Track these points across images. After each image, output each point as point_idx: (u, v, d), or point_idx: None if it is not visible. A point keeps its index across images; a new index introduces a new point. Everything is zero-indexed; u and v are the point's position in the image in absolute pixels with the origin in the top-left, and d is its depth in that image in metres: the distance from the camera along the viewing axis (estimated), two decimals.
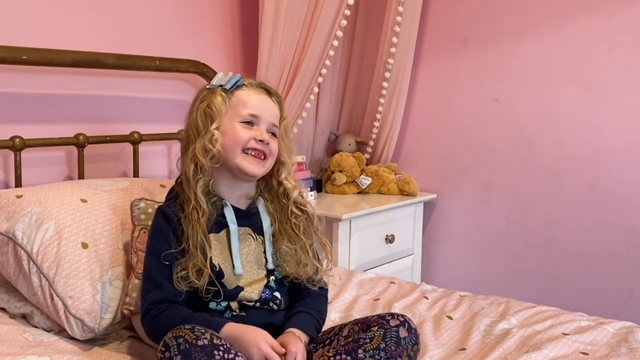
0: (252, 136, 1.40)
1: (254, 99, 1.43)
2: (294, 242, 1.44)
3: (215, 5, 2.41)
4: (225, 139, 1.39)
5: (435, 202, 2.80)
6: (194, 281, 1.31)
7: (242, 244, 1.42)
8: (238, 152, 1.39)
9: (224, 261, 1.39)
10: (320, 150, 2.87)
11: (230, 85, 1.42)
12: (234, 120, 1.40)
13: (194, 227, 1.34)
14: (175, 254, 1.34)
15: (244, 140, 1.39)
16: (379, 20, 2.71)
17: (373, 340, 1.24)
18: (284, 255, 1.43)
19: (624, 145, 2.33)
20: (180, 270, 1.32)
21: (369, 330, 1.27)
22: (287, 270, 1.42)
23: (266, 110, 1.43)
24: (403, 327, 1.27)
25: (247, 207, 1.47)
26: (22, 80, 1.88)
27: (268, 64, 2.32)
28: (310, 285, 1.45)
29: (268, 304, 1.40)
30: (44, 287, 1.45)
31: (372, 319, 1.31)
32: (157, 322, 1.30)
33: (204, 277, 1.32)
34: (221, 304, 1.37)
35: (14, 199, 1.57)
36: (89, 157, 2.00)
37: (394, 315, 1.30)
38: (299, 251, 1.44)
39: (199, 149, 1.37)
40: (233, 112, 1.41)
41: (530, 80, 2.51)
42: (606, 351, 1.45)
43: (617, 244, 2.37)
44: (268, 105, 1.44)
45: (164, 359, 1.12)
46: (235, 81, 1.43)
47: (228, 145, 1.39)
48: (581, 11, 2.37)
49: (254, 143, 1.39)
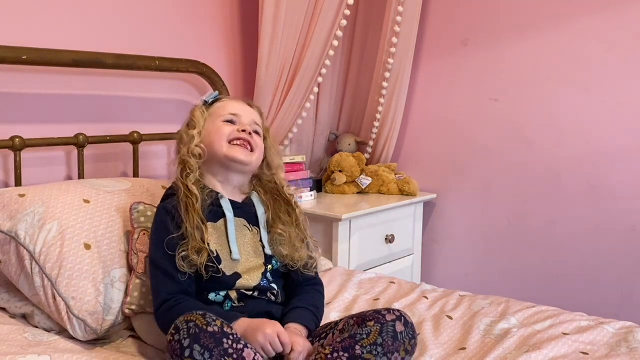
0: (234, 129, 1.51)
1: (233, 103, 1.57)
2: (287, 225, 1.51)
3: (215, 5, 2.42)
4: (210, 137, 1.50)
5: (435, 202, 2.80)
6: (194, 258, 1.36)
7: (239, 234, 1.48)
8: (224, 144, 1.49)
9: (221, 248, 1.44)
10: (320, 150, 2.87)
11: (210, 98, 1.57)
12: (216, 121, 1.52)
13: (189, 212, 1.41)
14: (176, 240, 1.39)
15: (227, 132, 1.50)
16: (379, 20, 2.71)
17: (370, 335, 1.24)
18: (279, 238, 1.49)
19: (624, 146, 2.33)
20: (182, 252, 1.37)
21: (365, 325, 1.27)
22: (282, 253, 1.48)
23: (246, 111, 1.56)
24: (400, 322, 1.27)
25: (242, 200, 1.54)
26: (22, 80, 1.89)
27: (268, 64, 2.32)
28: (307, 271, 1.50)
29: (266, 293, 1.44)
30: (47, 288, 1.45)
31: (367, 313, 1.31)
32: (172, 314, 1.31)
33: (202, 255, 1.37)
34: (220, 294, 1.40)
35: (16, 198, 1.57)
36: (89, 157, 2.00)
37: (389, 310, 1.30)
38: (293, 235, 1.50)
39: (184, 153, 1.48)
40: (214, 116, 1.55)
41: (530, 80, 2.52)
42: (606, 351, 1.45)
43: (617, 244, 2.37)
44: (247, 109, 1.57)
45: (173, 341, 1.14)
46: (215, 95, 1.58)
47: (213, 141, 1.49)
48: (581, 11, 2.37)
49: (237, 133, 1.50)
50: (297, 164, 2.57)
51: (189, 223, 1.39)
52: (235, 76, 2.52)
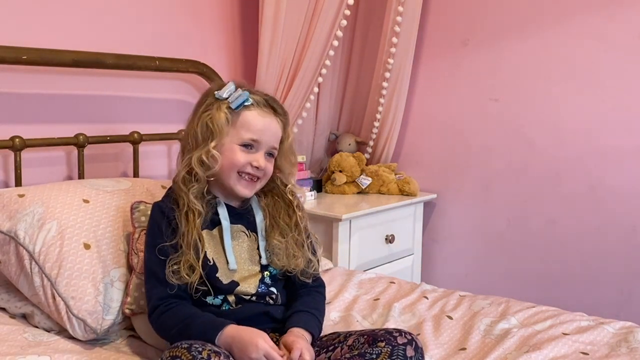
0: (249, 161, 1.41)
1: (258, 122, 1.42)
2: (285, 235, 1.47)
3: (216, 5, 2.41)
4: (223, 157, 1.41)
5: (435, 202, 2.80)
6: (185, 276, 1.33)
7: (236, 241, 1.45)
8: (233, 174, 1.42)
9: (218, 256, 1.41)
10: (320, 150, 2.87)
11: (237, 105, 1.41)
12: (234, 142, 1.41)
13: (188, 225, 1.37)
14: (168, 247, 1.36)
15: (241, 164, 1.41)
16: (379, 20, 2.71)
17: (380, 356, 1.23)
18: (275, 249, 1.45)
19: (623, 146, 2.33)
20: (173, 265, 1.34)
21: (375, 345, 1.25)
22: (277, 264, 1.44)
23: (268, 134, 1.44)
24: (410, 346, 1.25)
25: (240, 205, 1.50)
26: (22, 80, 1.88)
27: (268, 64, 2.32)
28: (305, 278, 1.47)
29: (264, 298, 1.42)
30: (46, 287, 1.45)
31: (378, 332, 1.29)
32: (164, 318, 1.31)
33: (195, 274, 1.34)
34: (218, 297, 1.39)
35: (16, 198, 1.57)
36: (89, 157, 2.00)
37: (401, 332, 1.28)
38: (291, 243, 1.46)
39: (195, 160, 1.39)
40: (234, 133, 1.41)
41: (530, 80, 2.51)
42: (606, 351, 1.45)
43: (617, 244, 2.37)
44: (271, 128, 1.45)
45: None
46: (242, 101, 1.41)
47: (224, 165, 1.41)
48: (581, 11, 2.37)
49: (249, 168, 1.42)
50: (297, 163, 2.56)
51: (185, 238, 1.36)
52: (235, 76, 2.51)
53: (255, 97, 1.44)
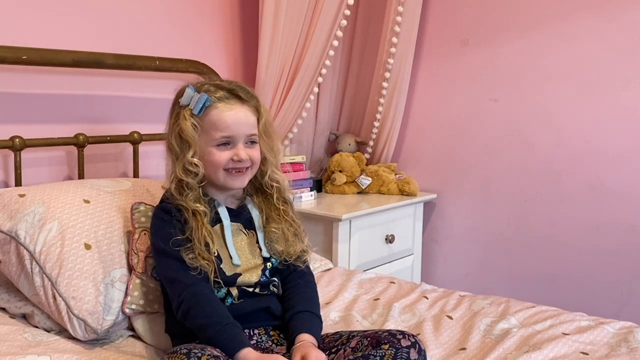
0: (229, 157, 1.41)
1: (226, 118, 1.40)
2: (279, 223, 1.50)
3: (215, 5, 2.41)
4: (204, 162, 1.42)
5: (435, 202, 2.80)
6: (204, 264, 1.35)
7: (236, 238, 1.47)
8: (220, 173, 1.42)
9: (221, 249, 1.43)
10: (320, 150, 2.87)
11: (198, 110, 1.40)
12: (209, 145, 1.41)
13: (197, 222, 1.39)
14: (181, 242, 1.37)
15: (222, 162, 1.41)
16: (379, 20, 2.71)
17: (383, 359, 1.23)
18: (272, 236, 1.48)
19: (623, 145, 2.33)
20: (188, 254, 1.36)
21: (379, 347, 1.25)
22: (277, 250, 1.47)
23: (239, 125, 1.41)
24: (414, 349, 1.25)
25: (237, 206, 1.52)
26: (22, 80, 1.89)
27: (268, 64, 2.32)
28: (300, 263, 1.50)
29: (268, 287, 1.44)
30: (47, 287, 1.45)
31: (382, 335, 1.29)
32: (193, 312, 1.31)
33: (210, 264, 1.37)
34: (222, 290, 1.39)
35: (16, 198, 1.57)
36: (89, 157, 2.00)
37: (404, 334, 1.28)
38: (286, 231, 1.49)
39: (180, 171, 1.41)
40: (206, 137, 1.41)
41: (530, 80, 2.52)
42: (606, 351, 1.45)
43: (617, 243, 2.37)
44: (240, 118, 1.42)
45: None
46: (202, 104, 1.40)
47: (208, 168, 1.42)
48: (581, 11, 2.37)
49: (232, 163, 1.42)
50: (297, 164, 2.57)
51: (195, 232, 1.37)
52: (235, 76, 2.51)
53: (218, 92, 1.42)
